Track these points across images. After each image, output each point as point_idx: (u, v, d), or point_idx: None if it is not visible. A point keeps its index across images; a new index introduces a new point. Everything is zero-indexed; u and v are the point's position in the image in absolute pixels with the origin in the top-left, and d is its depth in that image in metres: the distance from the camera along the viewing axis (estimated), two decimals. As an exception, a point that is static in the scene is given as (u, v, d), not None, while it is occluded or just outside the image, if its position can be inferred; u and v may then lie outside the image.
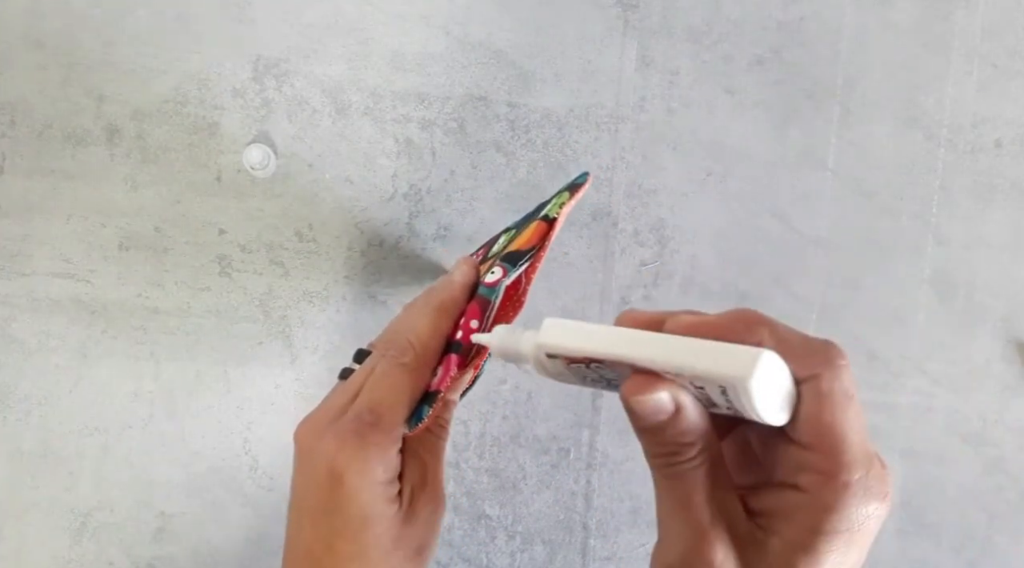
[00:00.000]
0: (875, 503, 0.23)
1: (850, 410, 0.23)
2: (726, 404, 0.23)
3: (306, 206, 0.56)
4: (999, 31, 0.60)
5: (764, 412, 0.22)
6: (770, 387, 0.22)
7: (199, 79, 0.55)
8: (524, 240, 0.36)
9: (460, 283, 0.36)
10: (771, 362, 0.22)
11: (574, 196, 0.38)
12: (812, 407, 0.23)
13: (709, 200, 0.59)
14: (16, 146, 0.54)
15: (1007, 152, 0.61)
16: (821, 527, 0.22)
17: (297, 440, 0.33)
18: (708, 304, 0.59)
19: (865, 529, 0.23)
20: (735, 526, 0.24)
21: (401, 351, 0.33)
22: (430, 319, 0.34)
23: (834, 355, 0.23)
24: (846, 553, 0.23)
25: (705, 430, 0.24)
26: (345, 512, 0.31)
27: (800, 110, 0.59)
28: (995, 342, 0.61)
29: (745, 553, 0.24)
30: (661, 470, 0.25)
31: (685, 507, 0.24)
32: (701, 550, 0.24)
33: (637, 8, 0.58)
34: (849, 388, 0.23)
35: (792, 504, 0.23)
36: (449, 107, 0.57)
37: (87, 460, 0.57)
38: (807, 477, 0.23)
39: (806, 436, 0.23)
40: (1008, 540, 0.63)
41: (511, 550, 0.60)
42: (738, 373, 0.21)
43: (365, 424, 0.31)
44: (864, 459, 0.23)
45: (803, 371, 0.23)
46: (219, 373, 0.57)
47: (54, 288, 0.55)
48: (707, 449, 0.24)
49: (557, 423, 0.59)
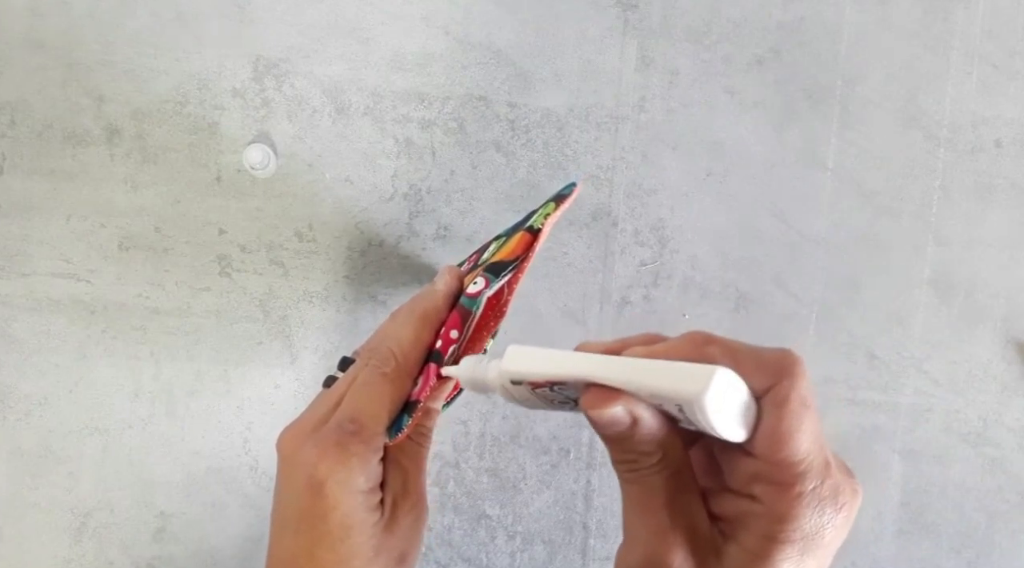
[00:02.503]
0: (830, 512, 0.23)
1: (806, 419, 0.23)
2: (684, 418, 0.24)
3: (306, 206, 0.56)
4: (999, 31, 0.60)
5: (721, 428, 0.22)
6: (725, 403, 0.22)
7: (199, 79, 0.55)
8: (508, 251, 0.36)
9: (443, 293, 0.36)
10: (724, 378, 0.22)
11: (560, 207, 0.38)
12: (770, 419, 0.23)
13: (709, 200, 0.59)
14: (16, 146, 0.54)
15: (1007, 152, 0.61)
16: (775, 536, 0.23)
17: (279, 448, 0.33)
18: (708, 304, 0.59)
19: (820, 538, 0.23)
20: (697, 531, 0.25)
21: (382, 360, 0.33)
22: (412, 329, 0.34)
23: (789, 363, 0.23)
24: (801, 562, 0.23)
25: (664, 439, 0.25)
26: (327, 521, 0.31)
27: (800, 110, 0.59)
28: (995, 342, 0.61)
29: (705, 558, 0.24)
30: (624, 475, 0.26)
31: (646, 511, 0.25)
32: (660, 553, 0.24)
33: (637, 8, 0.58)
34: (806, 396, 0.23)
35: (749, 512, 0.24)
36: (449, 107, 0.57)
37: (87, 460, 0.57)
38: (761, 487, 0.23)
39: (760, 447, 0.23)
40: (1008, 540, 0.63)
41: (511, 550, 0.60)
42: (692, 390, 0.22)
43: (346, 433, 0.31)
44: (819, 469, 0.23)
45: (759, 384, 0.23)
46: (219, 373, 0.57)
47: (54, 288, 0.55)
48: (668, 456, 0.25)
49: (557, 423, 0.59)
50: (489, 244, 0.46)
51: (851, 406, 0.61)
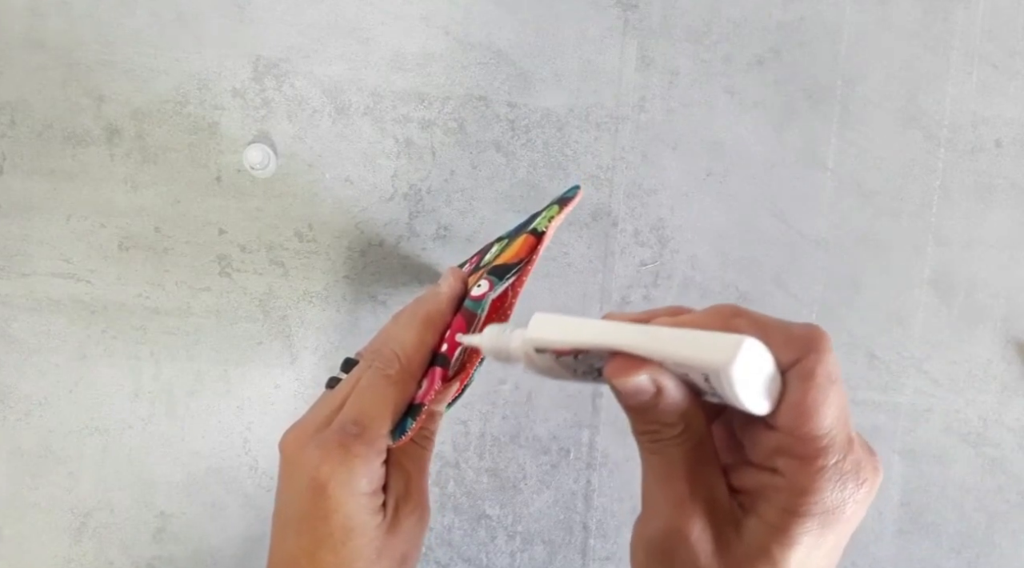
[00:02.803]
0: (851, 486, 0.23)
1: (831, 393, 0.23)
2: (710, 389, 0.23)
3: (306, 206, 0.56)
4: (999, 31, 0.60)
5: (746, 399, 0.22)
6: (751, 373, 0.22)
7: (199, 79, 0.55)
8: (512, 253, 0.36)
9: (447, 295, 0.36)
10: (752, 348, 0.22)
11: (564, 210, 0.38)
12: (794, 392, 0.23)
13: (709, 200, 0.59)
14: (16, 146, 0.54)
15: (1007, 152, 0.61)
16: (795, 509, 0.23)
17: (282, 449, 0.33)
18: (708, 304, 0.59)
19: (840, 513, 0.23)
20: (716, 503, 0.24)
21: (387, 363, 0.33)
22: (416, 331, 0.34)
23: (816, 338, 0.23)
24: (821, 535, 0.23)
25: (687, 410, 0.25)
26: (329, 523, 0.31)
27: (800, 110, 0.59)
28: (995, 342, 0.61)
29: (723, 529, 0.24)
30: (645, 445, 0.26)
31: (666, 482, 0.25)
32: (678, 524, 0.24)
33: (637, 8, 0.58)
34: (832, 371, 0.23)
35: (770, 485, 0.24)
36: (449, 107, 0.57)
37: (87, 460, 0.57)
38: (784, 460, 0.23)
39: (784, 420, 0.23)
40: (1008, 540, 0.63)
41: (511, 550, 0.60)
42: (719, 359, 0.21)
43: (349, 435, 0.31)
44: (842, 443, 0.23)
45: (786, 357, 0.23)
46: (219, 373, 0.57)
47: (54, 288, 0.55)
48: (690, 428, 0.25)
49: (557, 423, 0.59)
50: (491, 246, 0.46)
51: (851, 406, 0.61)
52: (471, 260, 0.48)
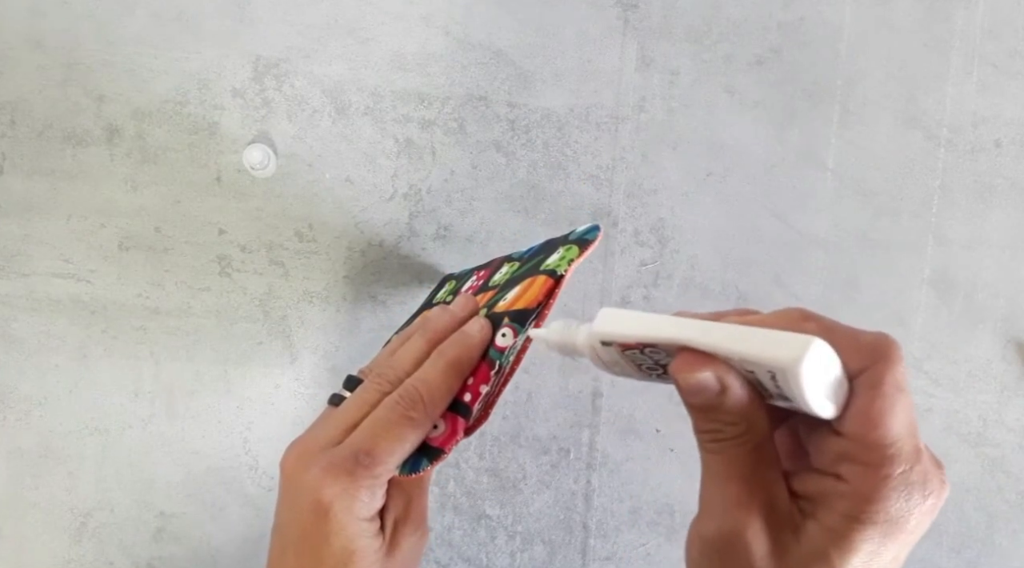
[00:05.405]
0: (917, 497, 0.22)
1: (899, 403, 0.22)
2: (776, 390, 0.23)
3: (306, 206, 0.56)
4: (999, 31, 0.60)
5: (812, 400, 0.22)
6: (819, 374, 0.22)
7: (199, 79, 0.55)
8: (532, 298, 0.35)
9: (479, 343, 0.35)
10: (821, 349, 0.22)
11: (584, 253, 0.37)
12: (862, 399, 0.23)
13: (709, 200, 0.59)
14: (16, 146, 0.54)
15: (1007, 152, 0.61)
16: (858, 516, 0.22)
17: (284, 467, 0.33)
18: (708, 304, 0.59)
19: (904, 523, 0.22)
20: (775, 505, 0.24)
21: (411, 403, 0.33)
22: (444, 376, 0.34)
23: (886, 346, 0.23)
24: (882, 544, 0.22)
25: (751, 410, 0.24)
26: (330, 545, 0.31)
27: (800, 110, 0.59)
28: (995, 342, 0.61)
29: (781, 533, 0.24)
30: (706, 445, 0.25)
31: (725, 482, 0.25)
32: (735, 526, 0.24)
33: (637, 8, 0.58)
34: (901, 381, 0.22)
35: (833, 491, 0.23)
36: (449, 107, 0.57)
37: (87, 460, 0.57)
38: (849, 467, 0.23)
39: (852, 426, 0.23)
40: (1008, 540, 0.63)
41: (511, 550, 0.60)
42: (789, 357, 0.21)
43: (360, 465, 0.31)
44: (910, 454, 0.22)
45: (855, 364, 0.23)
46: (219, 373, 0.57)
47: (54, 288, 0.55)
48: (752, 429, 0.24)
49: (557, 423, 0.59)
50: (501, 264, 0.45)
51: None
52: (477, 273, 0.47)
